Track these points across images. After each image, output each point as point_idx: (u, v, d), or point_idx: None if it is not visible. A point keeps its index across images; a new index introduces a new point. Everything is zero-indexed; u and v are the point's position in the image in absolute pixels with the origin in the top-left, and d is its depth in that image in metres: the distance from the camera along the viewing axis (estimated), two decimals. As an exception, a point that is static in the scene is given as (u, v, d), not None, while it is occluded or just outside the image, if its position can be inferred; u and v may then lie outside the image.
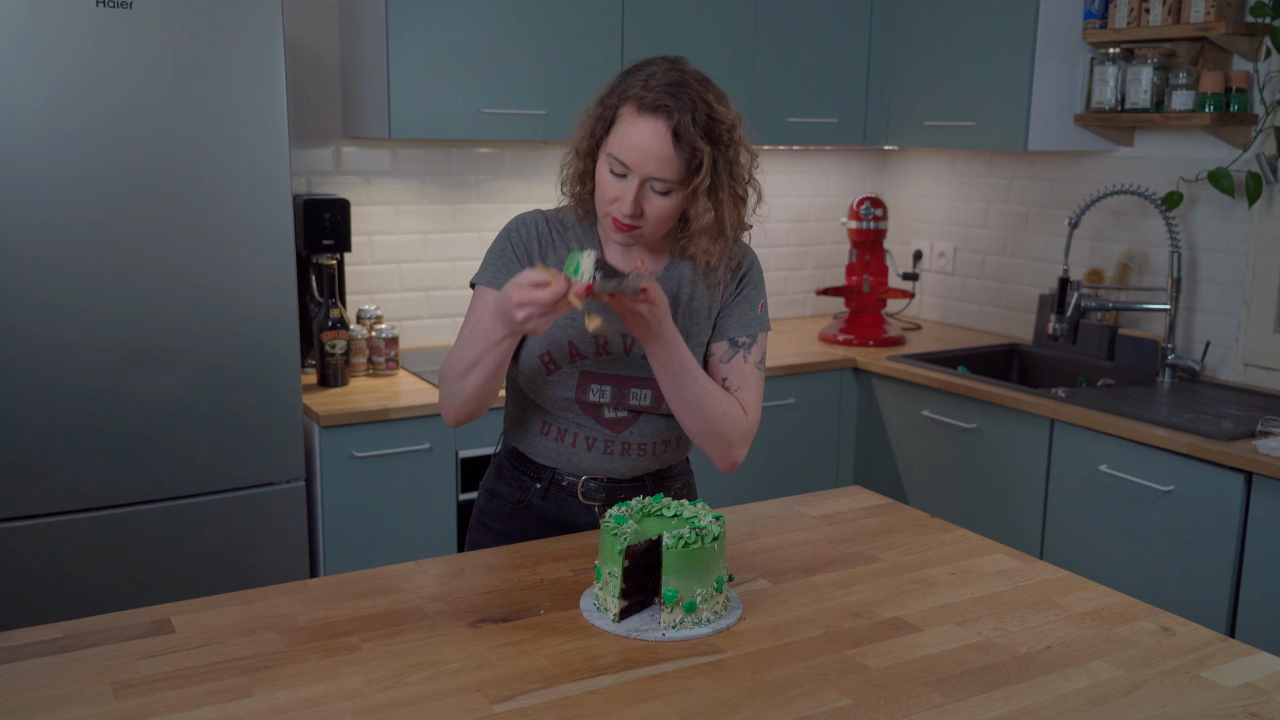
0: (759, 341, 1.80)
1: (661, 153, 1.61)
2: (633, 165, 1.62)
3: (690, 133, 1.61)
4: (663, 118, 1.61)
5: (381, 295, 3.34)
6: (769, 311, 1.80)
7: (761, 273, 1.84)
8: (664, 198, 1.65)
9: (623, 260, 1.79)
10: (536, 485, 1.86)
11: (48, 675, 1.34)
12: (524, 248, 1.78)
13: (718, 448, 1.76)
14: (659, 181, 1.63)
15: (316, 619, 1.50)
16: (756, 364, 1.80)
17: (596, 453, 1.81)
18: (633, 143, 1.62)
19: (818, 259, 4.18)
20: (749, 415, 1.77)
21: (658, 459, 1.85)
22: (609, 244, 1.80)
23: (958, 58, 3.45)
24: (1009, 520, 3.03)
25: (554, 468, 1.84)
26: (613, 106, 1.66)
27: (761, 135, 3.51)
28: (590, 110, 1.71)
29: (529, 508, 1.87)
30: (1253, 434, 2.59)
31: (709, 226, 1.69)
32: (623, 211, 1.65)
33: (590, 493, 1.84)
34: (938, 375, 3.21)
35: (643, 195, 1.65)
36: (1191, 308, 3.22)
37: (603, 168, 1.67)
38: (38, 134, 2.31)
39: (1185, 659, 1.45)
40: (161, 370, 2.50)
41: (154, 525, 2.54)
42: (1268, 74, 2.97)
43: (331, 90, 3.20)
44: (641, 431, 1.80)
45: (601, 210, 1.70)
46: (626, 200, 1.64)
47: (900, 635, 1.50)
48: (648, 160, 1.62)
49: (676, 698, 1.32)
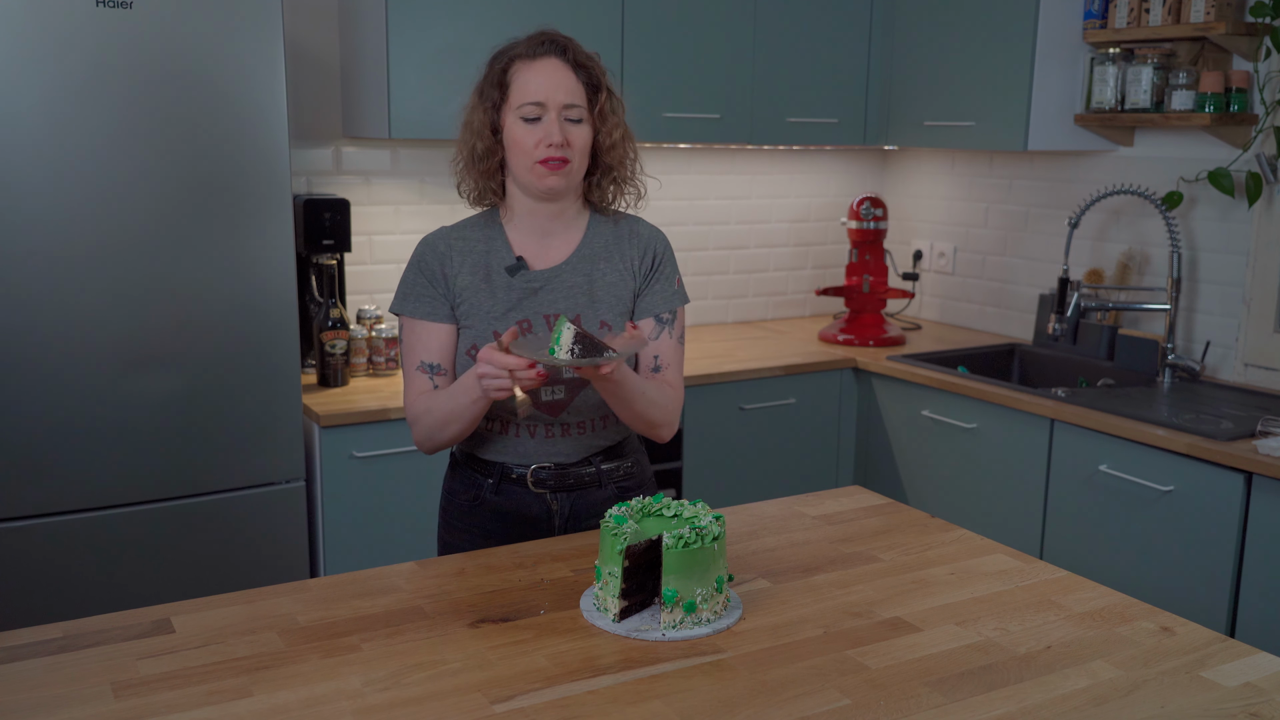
0: (679, 316, 1.91)
1: (567, 81, 1.78)
2: (547, 100, 1.76)
3: (581, 58, 1.80)
4: (555, 54, 1.79)
5: (381, 295, 3.34)
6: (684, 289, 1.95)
7: (673, 251, 1.95)
8: (578, 126, 1.79)
9: (539, 246, 1.87)
10: (488, 481, 1.90)
11: (48, 675, 1.34)
12: (436, 271, 1.86)
13: (652, 432, 1.87)
14: (571, 108, 1.77)
15: (316, 619, 1.50)
16: (679, 339, 1.91)
17: (539, 439, 1.86)
18: (539, 82, 1.77)
19: (818, 259, 4.18)
20: (677, 392, 1.88)
21: (600, 435, 1.90)
22: (527, 215, 1.87)
23: (958, 58, 3.45)
24: (1009, 520, 3.03)
25: (502, 462, 1.88)
26: (501, 70, 1.81)
27: (761, 135, 3.51)
28: (474, 89, 1.85)
29: (483, 504, 1.91)
30: (1253, 434, 2.59)
31: (617, 144, 1.83)
32: (552, 141, 1.75)
33: (540, 481, 1.88)
34: (938, 375, 3.21)
35: (563, 128, 1.77)
36: (1191, 308, 3.22)
37: (515, 126, 1.78)
38: (37, 134, 2.31)
39: (1185, 659, 1.45)
40: (161, 370, 2.50)
41: (154, 525, 2.54)
42: (1268, 74, 2.97)
43: (331, 90, 3.20)
44: (577, 410, 1.86)
45: (526, 163, 1.79)
46: (553, 131, 1.76)
47: (900, 635, 1.50)
48: (556, 90, 1.76)
49: (676, 698, 1.32)
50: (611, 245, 1.89)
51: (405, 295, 1.86)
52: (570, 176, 1.81)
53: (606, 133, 1.82)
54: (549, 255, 1.87)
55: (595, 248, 1.88)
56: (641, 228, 1.92)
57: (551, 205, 1.85)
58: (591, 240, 1.89)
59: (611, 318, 1.85)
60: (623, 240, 1.89)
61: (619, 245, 1.89)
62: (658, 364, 1.87)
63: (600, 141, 1.83)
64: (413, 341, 1.86)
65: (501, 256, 1.86)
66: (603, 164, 1.86)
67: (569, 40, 1.82)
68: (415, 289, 1.85)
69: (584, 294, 1.85)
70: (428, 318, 1.84)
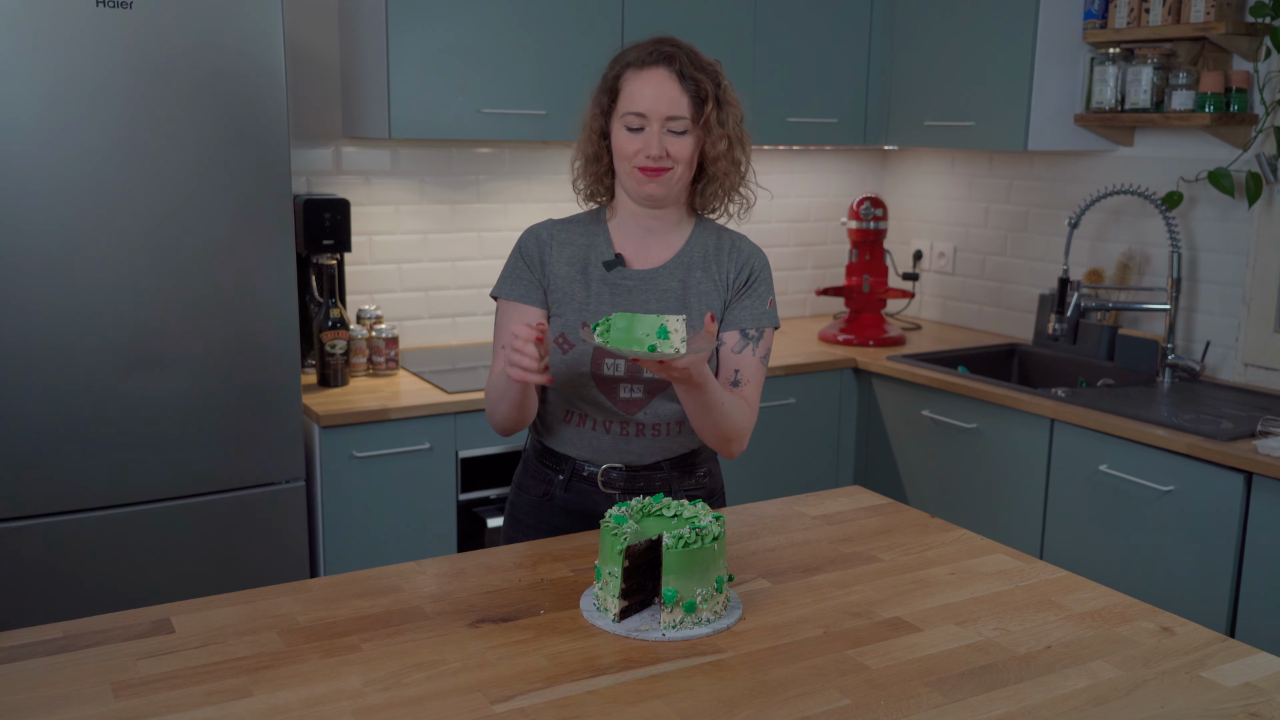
0: (765, 336, 1.89)
1: (671, 93, 1.78)
2: (649, 111, 1.77)
3: (689, 70, 1.79)
4: (663, 65, 1.79)
5: (381, 295, 3.34)
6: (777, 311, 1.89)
7: (770, 272, 1.93)
8: (681, 137, 1.79)
9: (639, 247, 1.88)
10: (559, 477, 1.91)
11: (48, 675, 1.34)
12: (535, 257, 1.88)
13: (726, 446, 1.85)
14: (675, 120, 1.78)
15: (316, 619, 1.50)
16: (762, 358, 1.88)
17: (614, 435, 1.87)
18: (644, 93, 1.78)
19: (818, 259, 4.18)
20: (753, 411, 1.85)
21: (674, 441, 1.89)
22: (631, 217, 1.88)
23: (958, 58, 3.45)
24: (1009, 520, 3.03)
25: (574, 458, 1.89)
26: (614, 77, 1.83)
27: (761, 135, 3.51)
28: (591, 94, 1.86)
29: (553, 500, 1.93)
30: (1253, 434, 2.59)
31: (724, 154, 1.83)
32: (650, 153, 1.77)
33: (611, 481, 1.88)
34: (938, 375, 3.21)
35: (664, 140, 1.78)
36: (1191, 308, 3.22)
37: (619, 133, 1.81)
38: (37, 134, 2.31)
39: (1185, 659, 1.45)
40: (161, 370, 2.50)
41: (154, 525, 2.54)
42: (1268, 74, 2.97)
43: (331, 90, 3.20)
44: (654, 412, 1.86)
45: (626, 169, 1.81)
46: (653, 143, 1.77)
47: (900, 635, 1.50)
48: (660, 102, 1.77)
49: (676, 698, 1.32)
50: (711, 255, 1.89)
51: (504, 279, 1.90)
52: (671, 185, 1.82)
53: (712, 143, 1.81)
54: (648, 257, 1.88)
55: (694, 256, 1.89)
56: (743, 243, 1.93)
57: (654, 210, 1.87)
58: (692, 248, 1.89)
59: (700, 327, 1.85)
60: (723, 252, 1.90)
61: (718, 256, 1.89)
62: (737, 378, 1.85)
63: (706, 152, 1.83)
64: (503, 322, 1.88)
65: (601, 252, 1.88)
66: (708, 173, 1.86)
67: (680, 50, 1.81)
68: (514, 273, 1.89)
69: (677, 299, 1.86)
70: (521, 300, 1.86)
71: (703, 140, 1.81)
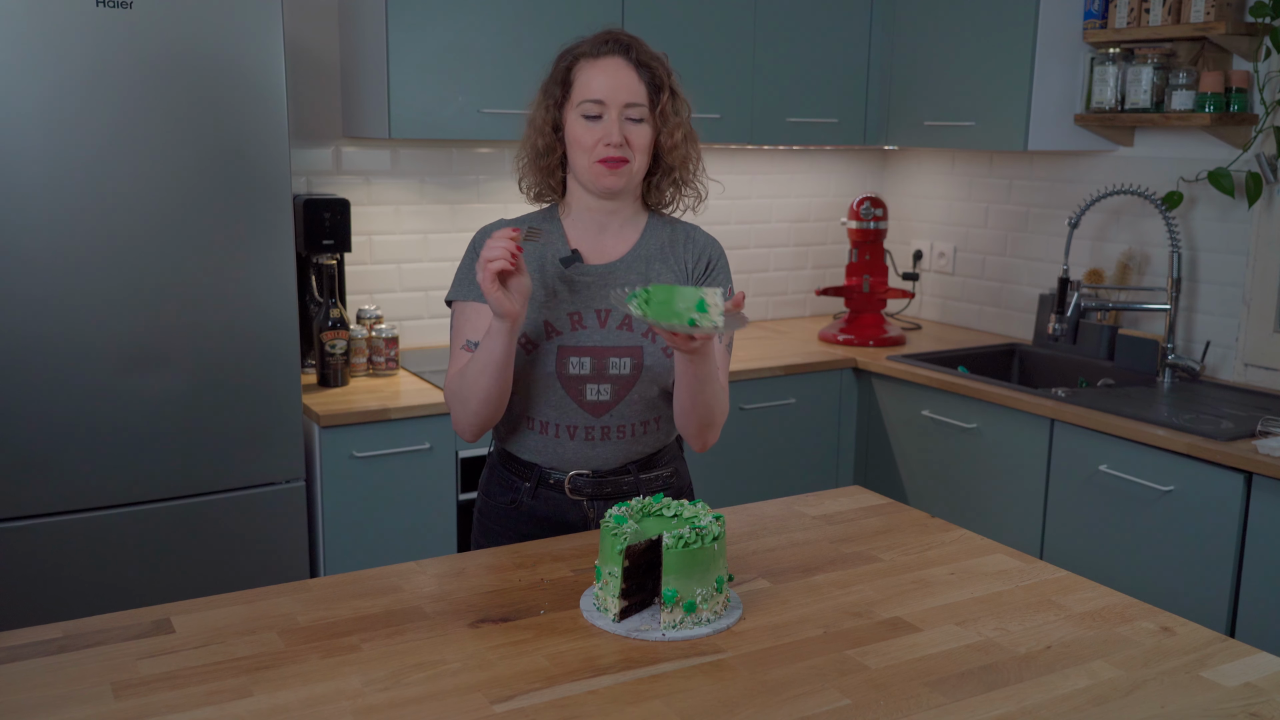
0: None
1: (629, 81, 1.78)
2: (607, 99, 1.77)
3: (645, 58, 1.80)
4: (619, 54, 1.79)
5: (381, 295, 3.34)
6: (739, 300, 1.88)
7: (727, 260, 1.94)
8: (639, 125, 1.79)
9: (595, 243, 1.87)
10: (525, 485, 1.89)
11: (48, 675, 1.34)
12: None
13: (704, 435, 1.84)
14: (632, 108, 1.78)
15: (316, 619, 1.50)
16: (728, 345, 1.89)
17: (579, 441, 1.84)
18: (601, 81, 1.77)
19: (818, 259, 4.18)
20: (727, 396, 1.86)
21: (639, 442, 1.88)
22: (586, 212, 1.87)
23: (958, 58, 3.45)
24: (1009, 520, 3.03)
25: (540, 465, 1.87)
26: (565, 68, 1.82)
27: (761, 135, 3.51)
28: (542, 87, 1.85)
29: (520, 508, 1.90)
30: (1253, 434, 2.59)
31: (679, 144, 1.82)
32: (611, 140, 1.76)
33: (578, 488, 1.86)
34: (938, 375, 3.21)
35: (623, 127, 1.77)
36: (1191, 308, 3.22)
37: (574, 124, 1.79)
38: (37, 134, 2.31)
39: (1185, 659, 1.45)
40: (161, 370, 2.50)
41: (154, 525, 2.54)
42: (1268, 74, 2.97)
43: (331, 90, 3.20)
44: (621, 414, 1.84)
45: (585, 161, 1.80)
46: (613, 130, 1.76)
47: (900, 635, 1.50)
48: (618, 90, 1.77)
49: (676, 698, 1.32)
50: (667, 247, 1.89)
51: (458, 282, 1.88)
52: (629, 176, 1.81)
53: (668, 133, 1.81)
54: (604, 252, 1.88)
55: (651, 249, 1.89)
56: (697, 234, 1.92)
57: (609, 203, 1.86)
58: (648, 241, 1.89)
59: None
60: (678, 244, 1.90)
61: (674, 248, 1.89)
62: None
63: (662, 142, 1.82)
64: (460, 323, 1.85)
65: (557, 249, 1.86)
66: (664, 164, 1.85)
67: (633, 40, 1.82)
68: (469, 275, 1.86)
69: None
70: (478, 299, 1.83)
71: (658, 130, 1.81)
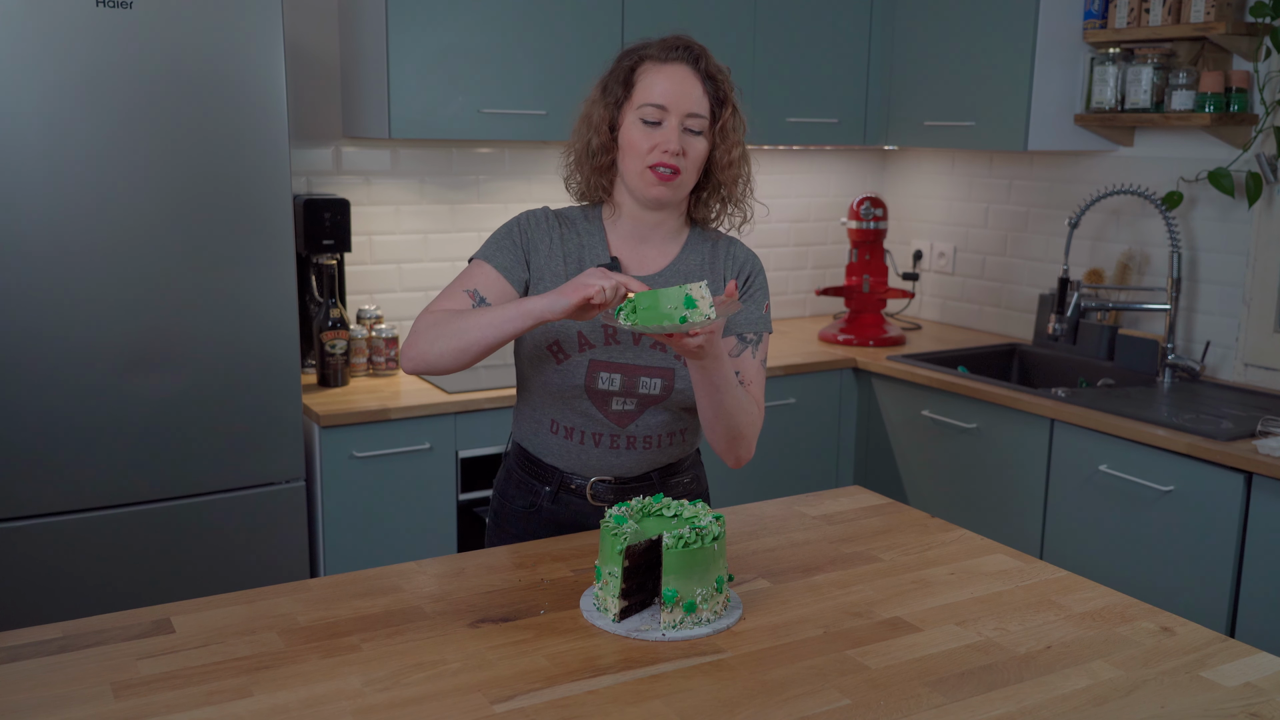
0: (764, 341, 1.84)
1: (694, 90, 1.73)
2: (670, 105, 1.72)
3: (711, 70, 1.75)
4: (687, 61, 1.74)
5: (381, 295, 3.34)
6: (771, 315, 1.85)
7: (765, 277, 1.89)
8: (696, 138, 1.74)
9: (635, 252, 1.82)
10: (545, 489, 1.86)
11: (48, 675, 1.34)
12: (530, 236, 1.81)
13: (735, 448, 1.77)
14: (694, 119, 1.73)
15: (316, 619, 1.50)
16: (761, 361, 1.83)
17: (603, 449, 1.82)
18: (665, 86, 1.72)
19: (818, 259, 4.18)
20: (760, 410, 1.80)
21: (664, 453, 1.86)
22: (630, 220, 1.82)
23: (958, 58, 3.45)
24: (1009, 520, 3.03)
25: (561, 469, 1.84)
26: (629, 69, 1.76)
27: (761, 135, 3.51)
28: (602, 84, 1.79)
29: (539, 512, 1.88)
30: (1253, 434, 2.59)
31: (734, 163, 1.78)
32: (669, 149, 1.71)
33: (599, 494, 1.84)
34: (938, 375, 3.21)
35: (680, 138, 1.72)
36: (1191, 308, 3.22)
37: (631, 127, 1.74)
38: (37, 134, 2.31)
39: (1185, 659, 1.45)
40: (161, 370, 2.50)
41: (154, 525, 2.54)
42: (1268, 74, 2.97)
43: (331, 90, 3.20)
44: (646, 425, 1.81)
45: (637, 167, 1.74)
46: (671, 138, 1.71)
47: (900, 635, 1.50)
48: (682, 98, 1.72)
49: (676, 698, 1.32)
50: (707, 263, 1.85)
51: (490, 245, 1.80)
52: (678, 189, 1.76)
53: (725, 150, 1.77)
54: (644, 263, 1.83)
55: (691, 264, 1.84)
56: (738, 248, 1.87)
57: (655, 214, 1.81)
58: (688, 256, 1.84)
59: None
60: (718, 259, 1.85)
61: (714, 264, 1.85)
62: (740, 380, 1.78)
63: (717, 158, 1.78)
64: (474, 275, 1.77)
65: (597, 253, 1.81)
66: (714, 181, 1.81)
67: (703, 49, 1.77)
68: (502, 245, 1.80)
69: None
70: (500, 269, 1.77)
71: (714, 146, 1.76)
